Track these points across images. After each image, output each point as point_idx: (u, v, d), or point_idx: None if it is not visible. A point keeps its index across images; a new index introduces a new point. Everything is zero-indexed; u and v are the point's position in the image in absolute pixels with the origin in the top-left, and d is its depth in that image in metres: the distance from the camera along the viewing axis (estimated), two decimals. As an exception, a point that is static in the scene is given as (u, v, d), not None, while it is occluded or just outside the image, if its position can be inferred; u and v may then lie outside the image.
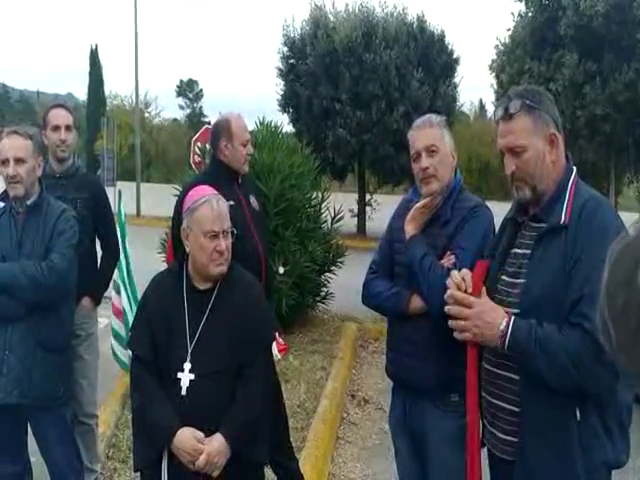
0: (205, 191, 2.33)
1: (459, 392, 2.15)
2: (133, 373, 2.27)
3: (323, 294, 7.09)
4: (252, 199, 3.34)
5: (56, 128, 3.36)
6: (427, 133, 2.33)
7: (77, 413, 3.32)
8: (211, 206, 2.22)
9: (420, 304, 2.28)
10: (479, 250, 2.21)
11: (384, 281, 2.41)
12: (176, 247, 3.23)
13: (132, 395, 2.28)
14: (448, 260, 2.24)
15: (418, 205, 2.34)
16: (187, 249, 2.28)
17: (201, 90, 63.08)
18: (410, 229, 2.33)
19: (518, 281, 1.87)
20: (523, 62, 13.78)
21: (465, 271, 1.94)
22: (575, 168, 1.90)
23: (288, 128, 16.46)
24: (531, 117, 1.83)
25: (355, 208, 16.58)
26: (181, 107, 62.22)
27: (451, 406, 2.27)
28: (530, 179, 1.85)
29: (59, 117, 3.38)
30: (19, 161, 2.74)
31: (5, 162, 2.74)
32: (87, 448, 3.39)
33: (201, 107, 60.90)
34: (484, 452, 2.02)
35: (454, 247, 2.26)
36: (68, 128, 3.39)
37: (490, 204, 2.66)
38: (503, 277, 1.93)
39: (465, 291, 1.88)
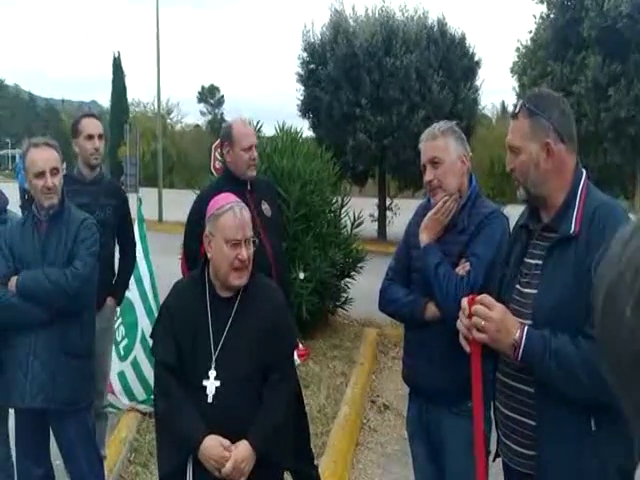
0: (228, 198, 2.35)
1: None
2: (158, 380, 2.29)
3: (343, 299, 7.08)
4: (265, 205, 3.34)
5: (90, 137, 3.52)
6: (430, 146, 2.36)
7: (97, 405, 3.45)
8: (234, 214, 2.23)
9: (436, 311, 2.29)
10: (493, 258, 2.21)
11: (401, 288, 2.43)
12: (188, 256, 3.26)
13: (156, 401, 2.30)
14: (463, 268, 2.25)
15: (431, 213, 2.35)
16: (209, 255, 2.29)
17: (222, 96, 63.67)
18: (425, 237, 2.34)
19: (531, 291, 1.86)
20: (545, 64, 13.62)
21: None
22: (585, 172, 1.87)
23: (308, 133, 16.55)
24: (529, 121, 1.82)
25: (376, 213, 16.54)
26: (203, 113, 62.82)
27: (467, 412, 2.26)
28: (523, 181, 1.86)
29: (93, 126, 3.55)
30: (54, 172, 2.80)
31: (40, 174, 2.78)
32: (98, 434, 3.48)
33: (222, 113, 61.42)
34: (498, 463, 2.01)
35: (468, 254, 2.27)
36: (100, 137, 3.57)
37: (512, 208, 2.64)
38: (517, 287, 1.92)
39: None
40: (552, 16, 13.97)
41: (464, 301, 1.87)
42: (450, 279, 2.22)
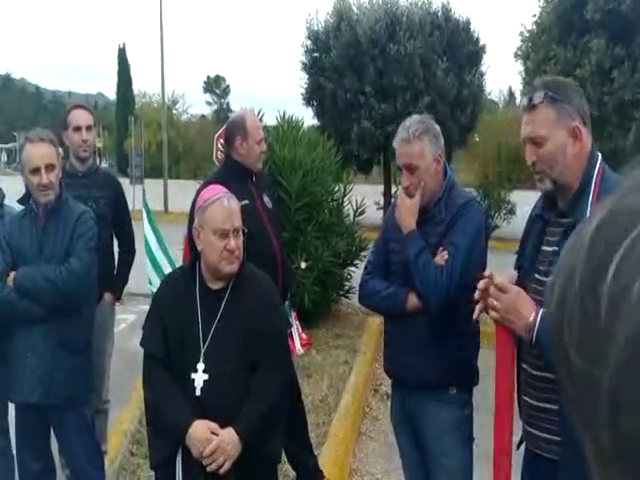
0: (217, 190, 2.35)
1: (457, 386, 2.23)
2: (145, 370, 2.30)
3: (346, 288, 7.07)
4: (265, 197, 3.35)
5: (77, 129, 3.45)
6: (405, 151, 2.33)
7: (94, 403, 3.37)
8: (222, 205, 2.23)
9: (417, 303, 2.29)
10: (471, 246, 2.23)
11: (381, 280, 2.43)
12: (192, 246, 3.27)
13: (145, 392, 2.31)
14: (441, 257, 2.25)
15: (397, 213, 2.36)
16: (199, 248, 2.30)
17: (228, 86, 63.64)
18: (404, 228, 2.33)
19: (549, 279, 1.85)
20: (549, 48, 13.45)
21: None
22: (600, 155, 1.87)
23: (312, 122, 16.50)
24: (554, 108, 1.82)
25: (381, 200, 16.50)
26: (208, 103, 62.88)
27: (449, 399, 2.29)
28: (550, 171, 1.84)
29: (80, 118, 3.48)
30: (50, 168, 2.74)
31: (35, 171, 2.73)
32: (99, 430, 3.44)
33: (228, 103, 61.45)
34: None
35: (446, 243, 2.27)
36: (89, 128, 3.49)
37: (518, 193, 2.63)
38: (536, 276, 1.91)
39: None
40: (556, -1, 13.79)
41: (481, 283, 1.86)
42: (429, 269, 2.23)
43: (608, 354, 0.26)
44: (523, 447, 2.04)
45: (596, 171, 1.82)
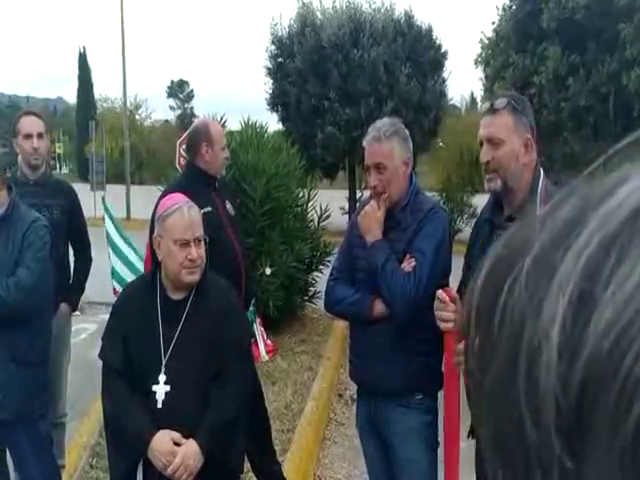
0: (177, 198, 2.33)
1: (422, 391, 2.28)
2: (104, 382, 2.26)
3: (311, 293, 7.08)
4: (228, 204, 3.35)
5: (28, 136, 3.33)
6: (375, 150, 2.34)
7: (50, 417, 3.26)
8: (182, 214, 2.21)
9: (383, 309, 2.30)
10: (437, 253, 2.27)
11: (346, 287, 2.43)
12: (153, 255, 3.24)
13: (104, 405, 2.27)
14: (408, 264, 2.27)
15: (361, 220, 2.38)
16: (159, 257, 2.27)
17: (192, 90, 63.09)
18: (370, 237, 2.34)
19: None
20: (507, 56, 13.79)
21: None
22: (542, 171, 2.03)
23: (277, 127, 16.51)
24: (513, 117, 1.99)
25: (346, 205, 16.58)
26: (172, 108, 62.21)
27: (415, 404, 2.32)
28: (503, 172, 1.99)
29: (31, 125, 3.36)
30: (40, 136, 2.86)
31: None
32: (56, 444, 3.34)
33: (192, 108, 60.92)
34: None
35: (413, 250, 2.29)
36: (40, 135, 3.37)
37: (481, 197, 2.70)
38: None
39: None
40: (514, 8, 14.12)
41: (441, 293, 2.00)
42: (397, 277, 2.24)
43: (492, 362, 0.29)
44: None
45: (541, 182, 1.97)
